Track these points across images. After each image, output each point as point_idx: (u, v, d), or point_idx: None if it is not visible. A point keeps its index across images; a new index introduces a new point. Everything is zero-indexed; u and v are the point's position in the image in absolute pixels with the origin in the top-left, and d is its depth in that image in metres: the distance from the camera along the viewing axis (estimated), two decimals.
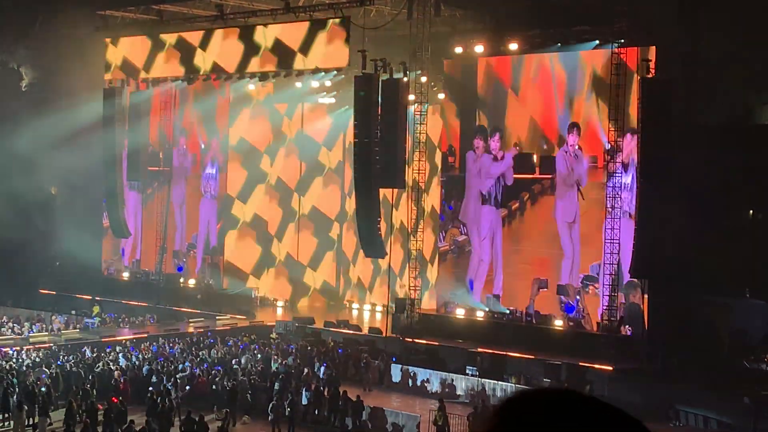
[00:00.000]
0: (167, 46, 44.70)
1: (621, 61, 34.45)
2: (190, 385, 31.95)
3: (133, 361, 34.29)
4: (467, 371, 33.60)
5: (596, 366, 32.21)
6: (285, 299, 48.54)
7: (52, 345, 36.31)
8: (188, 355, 35.50)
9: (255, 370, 33.42)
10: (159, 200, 50.95)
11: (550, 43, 37.81)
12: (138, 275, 50.92)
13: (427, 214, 41.92)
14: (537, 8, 36.08)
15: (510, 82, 39.52)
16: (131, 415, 27.14)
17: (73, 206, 51.76)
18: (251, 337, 38.78)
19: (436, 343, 36.44)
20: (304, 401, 30.56)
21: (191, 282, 49.32)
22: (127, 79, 46.70)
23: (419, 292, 39.30)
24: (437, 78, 41.56)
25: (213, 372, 32.92)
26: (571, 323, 36.34)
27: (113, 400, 28.68)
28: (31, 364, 32.92)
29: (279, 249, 49.92)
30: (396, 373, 35.01)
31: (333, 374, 33.19)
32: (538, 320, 36.98)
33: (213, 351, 36.19)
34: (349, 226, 48.34)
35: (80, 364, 33.24)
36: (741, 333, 32.96)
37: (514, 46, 38.16)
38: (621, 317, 34.70)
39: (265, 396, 30.83)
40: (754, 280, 32.86)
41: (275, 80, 43.52)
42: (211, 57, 43.09)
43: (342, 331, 39.57)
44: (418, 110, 39.20)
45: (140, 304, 45.74)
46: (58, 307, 45.30)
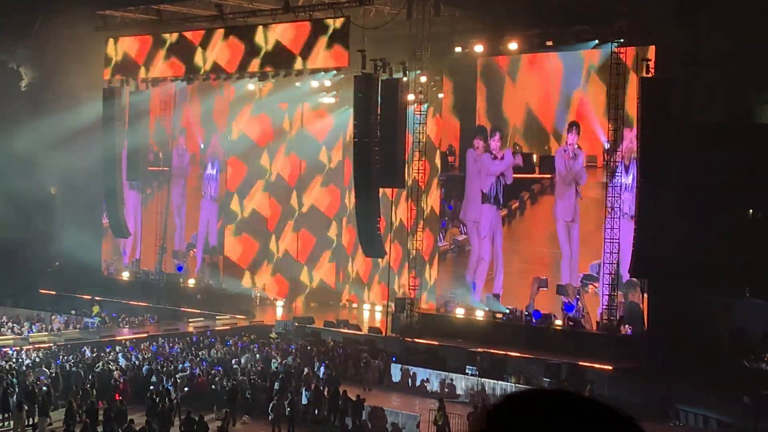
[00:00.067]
0: (167, 45, 44.67)
1: (620, 61, 34.47)
2: (189, 384, 31.96)
3: (132, 360, 34.28)
4: (467, 371, 33.57)
5: (596, 365, 32.18)
6: (283, 297, 48.57)
7: (51, 345, 36.29)
8: (188, 354, 35.50)
9: (255, 370, 33.42)
10: (159, 200, 50.93)
11: (549, 43, 37.80)
12: (138, 275, 50.91)
13: (427, 214, 41.90)
14: (536, 8, 36.05)
15: (510, 82, 39.51)
16: (131, 415, 27.11)
17: (72, 206, 51.78)
18: (251, 336, 38.77)
19: (436, 343, 36.41)
20: (304, 401, 30.58)
21: (191, 282, 49.33)
22: (126, 79, 46.69)
23: (418, 291, 39.32)
24: (437, 78, 41.55)
25: (213, 372, 32.93)
26: (570, 323, 36.34)
27: (116, 397, 28.70)
28: (31, 364, 32.91)
29: (277, 246, 49.94)
30: (396, 372, 35.00)
31: (333, 374, 33.17)
32: (537, 320, 36.98)
33: (213, 351, 36.20)
34: (348, 221, 48.23)
35: (80, 364, 33.20)
36: (741, 332, 32.94)
37: (513, 46, 38.12)
38: (621, 317, 34.70)
39: (265, 396, 30.83)
40: (753, 279, 32.83)
41: (275, 80, 43.52)
42: (211, 57, 43.06)
43: (342, 330, 39.58)
44: (418, 110, 39.20)
45: (140, 303, 45.78)
46: (58, 307, 45.31)
